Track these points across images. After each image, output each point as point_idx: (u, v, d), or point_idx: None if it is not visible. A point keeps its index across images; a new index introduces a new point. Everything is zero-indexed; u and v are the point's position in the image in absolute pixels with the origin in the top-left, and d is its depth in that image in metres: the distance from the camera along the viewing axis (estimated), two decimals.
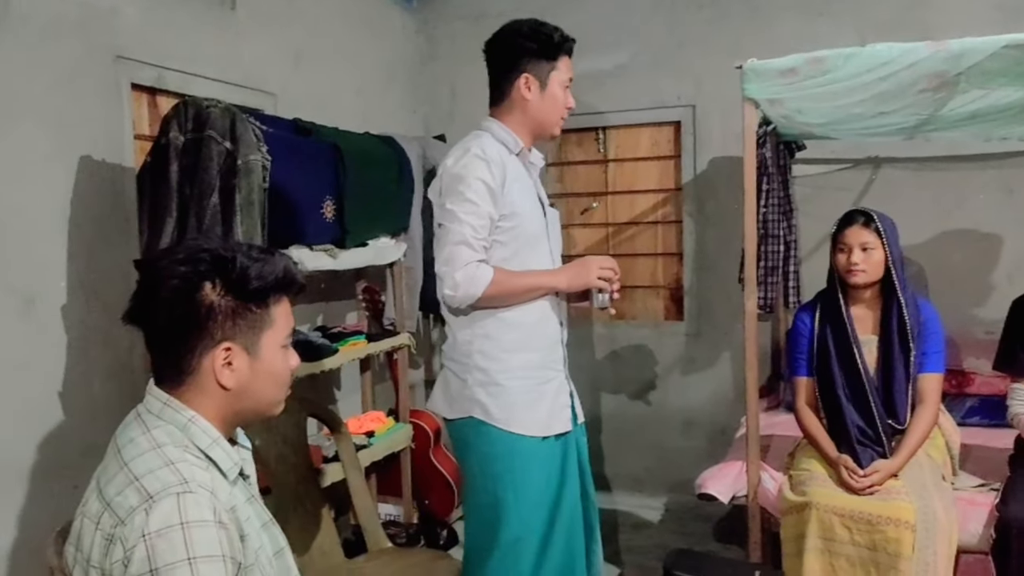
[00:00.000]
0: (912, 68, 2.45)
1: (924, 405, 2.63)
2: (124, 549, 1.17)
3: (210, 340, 1.33)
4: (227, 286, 1.33)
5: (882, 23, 3.94)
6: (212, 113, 2.58)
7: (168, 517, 1.18)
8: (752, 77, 2.65)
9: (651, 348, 4.60)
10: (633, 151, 4.67)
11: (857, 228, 2.64)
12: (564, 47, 2.26)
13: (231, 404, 1.38)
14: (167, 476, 1.24)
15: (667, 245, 4.66)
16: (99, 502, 1.26)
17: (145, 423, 1.35)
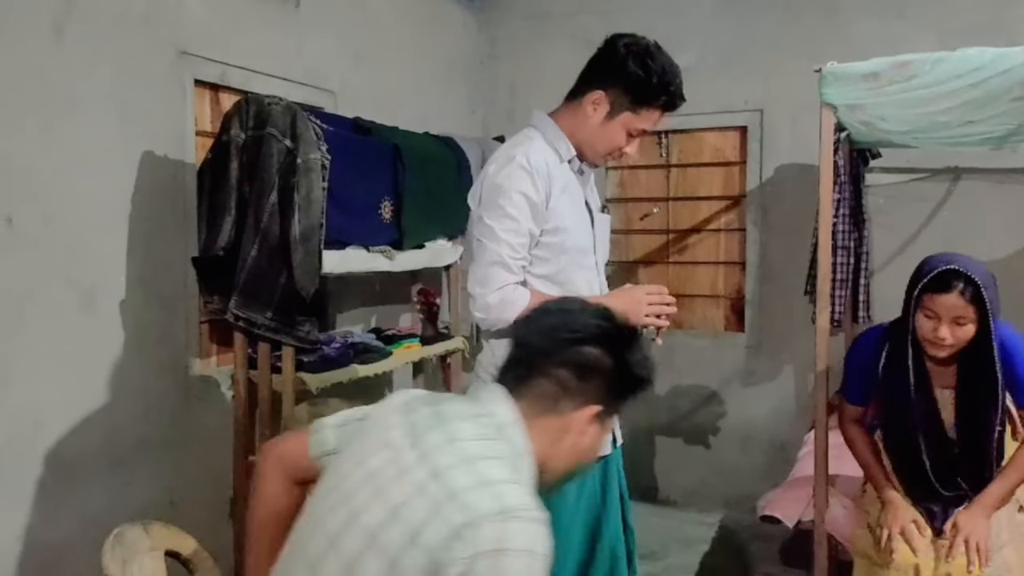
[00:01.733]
0: (1006, 75, 2.31)
1: None
2: (469, 550, 1.11)
3: (594, 398, 1.35)
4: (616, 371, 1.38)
5: (964, 26, 3.76)
6: (273, 111, 2.55)
7: (525, 542, 1.14)
8: (831, 81, 2.52)
9: (710, 359, 4.48)
10: (696, 156, 4.55)
11: (954, 298, 2.16)
12: (659, 101, 2.00)
13: (554, 458, 1.35)
14: (522, 496, 1.19)
15: (729, 254, 4.52)
16: (433, 480, 1.19)
17: (480, 426, 1.29)
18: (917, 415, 2.32)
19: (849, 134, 3.22)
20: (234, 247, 2.58)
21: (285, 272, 2.49)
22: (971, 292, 2.15)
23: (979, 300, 2.15)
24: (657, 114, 2.03)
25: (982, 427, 2.28)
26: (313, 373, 2.75)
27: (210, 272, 2.65)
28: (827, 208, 2.68)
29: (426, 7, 4.32)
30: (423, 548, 1.13)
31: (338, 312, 3.62)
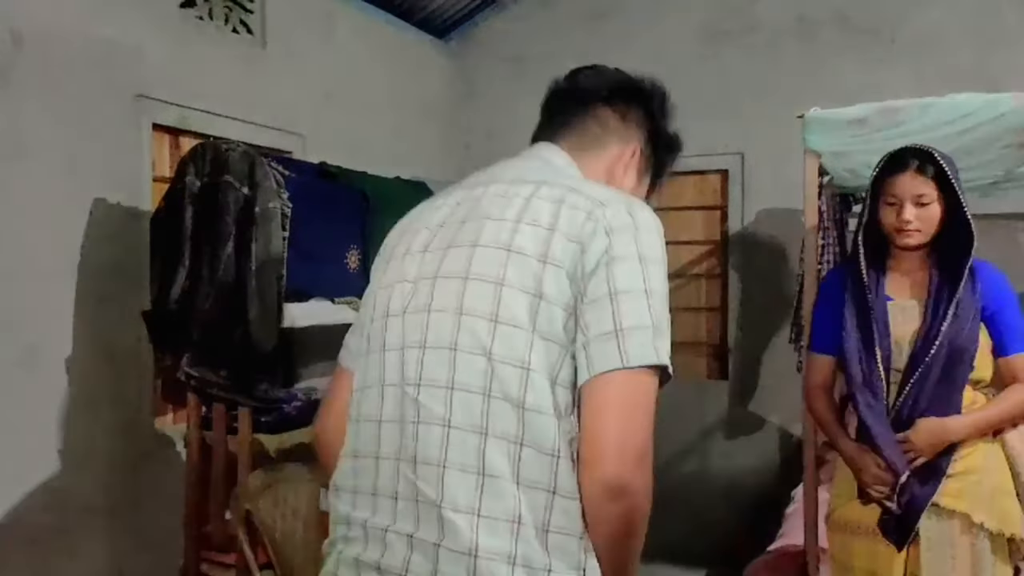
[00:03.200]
0: (996, 121, 2.22)
1: (1020, 382, 2.07)
2: (605, 227, 1.12)
3: (627, 132, 1.36)
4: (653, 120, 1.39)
5: (945, 71, 3.70)
6: (230, 157, 2.41)
7: (650, 219, 1.17)
8: (815, 127, 2.43)
9: (692, 408, 4.33)
10: (677, 200, 4.44)
11: (910, 177, 2.01)
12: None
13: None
14: (623, 196, 1.22)
15: (711, 300, 4.41)
16: (548, 187, 1.20)
17: (551, 166, 1.31)
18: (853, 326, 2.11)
19: (832, 178, 3.13)
20: (187, 301, 2.42)
21: (241, 327, 2.34)
22: (930, 168, 2.00)
23: (940, 176, 2.00)
24: None
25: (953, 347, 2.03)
26: (272, 434, 2.59)
27: (162, 327, 2.49)
28: (812, 256, 2.56)
29: (400, 47, 4.23)
30: (564, 235, 1.13)
31: (303, 367, 3.46)
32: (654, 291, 1.10)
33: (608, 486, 1.04)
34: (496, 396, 1.09)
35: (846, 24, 4.01)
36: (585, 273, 1.10)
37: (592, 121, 1.35)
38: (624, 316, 1.07)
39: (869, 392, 2.07)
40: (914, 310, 2.12)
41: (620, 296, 1.08)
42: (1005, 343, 2.07)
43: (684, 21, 4.29)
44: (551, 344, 1.10)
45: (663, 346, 1.08)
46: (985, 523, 2.02)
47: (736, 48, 4.21)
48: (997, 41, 3.71)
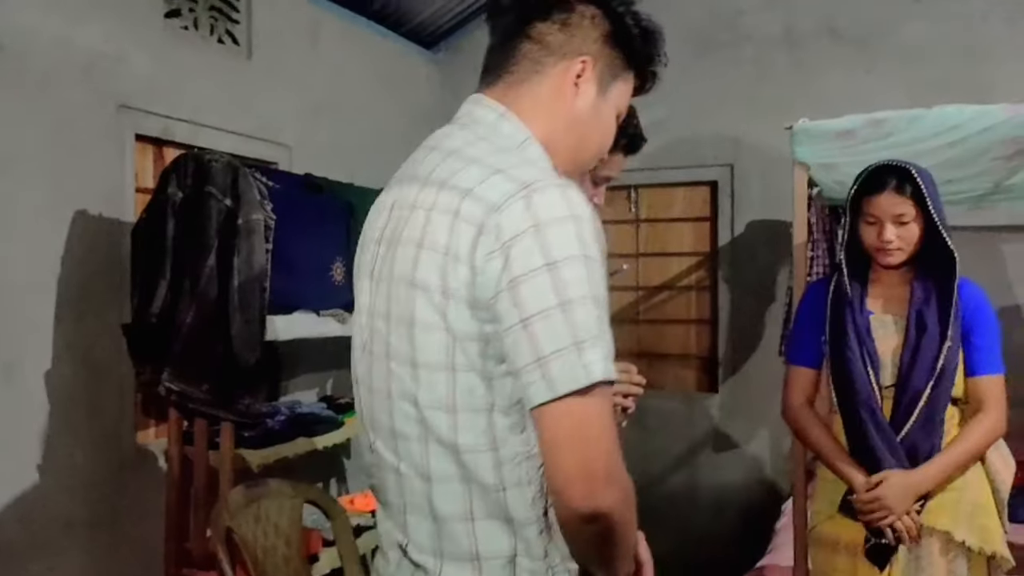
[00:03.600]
0: (985, 133, 2.21)
1: (987, 412, 2.03)
2: (500, 240, 0.98)
3: (573, 44, 1.17)
4: (610, 13, 1.19)
5: (934, 81, 3.70)
6: (213, 168, 2.38)
7: (557, 207, 1.00)
8: (803, 139, 2.41)
9: (681, 421, 4.31)
10: (666, 211, 4.43)
11: (889, 196, 1.98)
12: (617, 145, 1.86)
13: (558, 135, 1.18)
14: (536, 171, 1.05)
15: (700, 312, 4.39)
16: (446, 192, 1.06)
17: (478, 132, 1.15)
18: (854, 341, 2.07)
19: (820, 190, 3.12)
20: (168, 314, 2.39)
21: (223, 341, 2.30)
22: (908, 187, 1.98)
23: (918, 195, 1.98)
24: (621, 158, 1.90)
25: (928, 364, 2.01)
26: (254, 449, 2.55)
27: (142, 340, 2.45)
28: (801, 269, 2.54)
29: (387, 57, 4.21)
30: (457, 259, 1.01)
31: (289, 379, 3.42)
32: (572, 300, 0.96)
33: (579, 514, 0.99)
34: (432, 440, 1.06)
35: (834, 35, 4.00)
36: (487, 301, 1.00)
37: (528, 46, 1.17)
38: (540, 343, 0.96)
39: (869, 410, 2.04)
40: (893, 325, 2.10)
41: (531, 322, 0.97)
42: (973, 363, 2.05)
43: (672, 33, 4.13)
44: (474, 377, 1.03)
45: (594, 358, 0.96)
46: (967, 541, 2.00)
47: (725, 59, 4.20)
48: (986, 52, 3.71)
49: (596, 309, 0.98)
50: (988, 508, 2.10)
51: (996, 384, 2.06)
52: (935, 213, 1.98)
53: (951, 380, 2.04)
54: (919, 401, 2.01)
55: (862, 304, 2.11)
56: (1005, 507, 2.15)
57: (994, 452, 2.15)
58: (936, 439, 2.04)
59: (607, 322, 1.01)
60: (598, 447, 0.98)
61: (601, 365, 0.97)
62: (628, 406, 1.87)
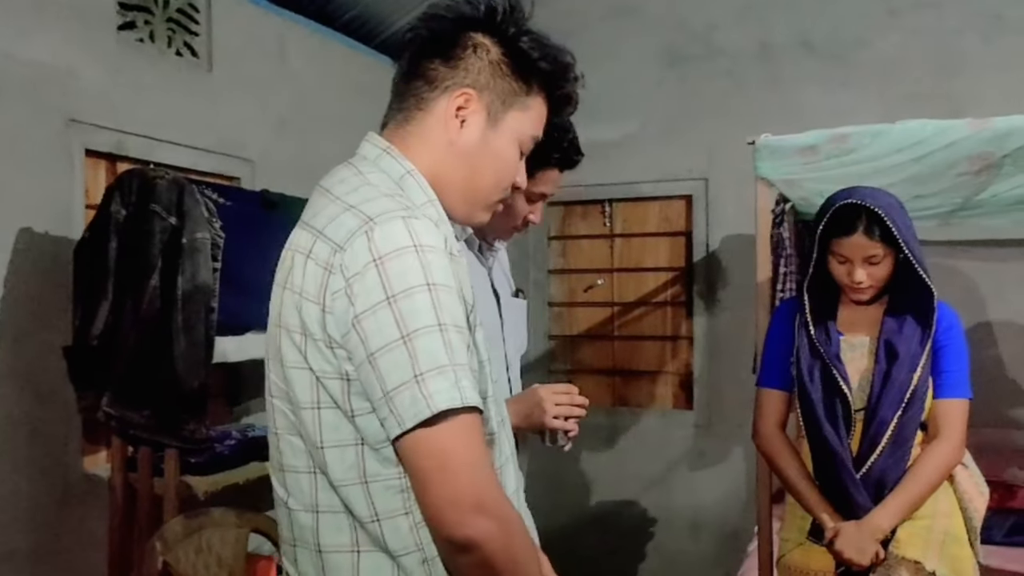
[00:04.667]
0: (950, 148, 2.15)
1: (941, 440, 1.96)
2: (345, 278, 1.00)
3: (456, 78, 1.15)
4: (502, 40, 1.17)
5: (909, 95, 3.66)
6: (158, 184, 2.31)
7: (398, 238, 1.01)
8: (766, 155, 2.35)
9: (656, 439, 4.24)
10: (641, 226, 4.38)
11: (859, 239, 1.92)
12: (552, 160, 1.80)
13: (446, 169, 1.17)
14: (388, 203, 1.06)
15: (676, 328, 4.32)
16: (308, 233, 1.09)
17: (358, 168, 1.16)
18: (816, 368, 2.01)
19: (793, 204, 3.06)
20: (110, 336, 2.30)
21: (166, 364, 2.22)
22: (877, 228, 1.91)
23: (887, 235, 1.91)
24: (555, 174, 1.84)
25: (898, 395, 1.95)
26: (204, 475, 2.46)
27: (84, 364, 2.37)
28: (764, 287, 2.48)
29: (356, 69, 4.13)
30: (309, 300, 1.03)
31: (243, 403, 3.33)
32: (415, 331, 0.97)
33: (451, 543, 0.99)
34: (319, 473, 1.08)
35: (809, 49, 3.96)
36: (341, 340, 1.01)
37: (417, 83, 1.16)
38: (386, 378, 0.98)
39: (836, 435, 1.98)
40: (864, 347, 2.05)
41: (376, 357, 0.98)
42: (938, 385, 2.00)
43: (645, 47, 4.23)
44: (337, 414, 1.04)
45: (438, 387, 0.96)
46: (937, 572, 1.93)
47: (698, 74, 4.15)
48: (960, 66, 3.67)
49: (443, 338, 0.98)
50: (959, 537, 2.04)
51: (957, 409, 2.00)
52: (909, 252, 1.92)
53: (921, 406, 1.99)
54: (887, 429, 1.96)
55: (830, 328, 2.05)
56: (978, 535, 2.10)
57: (967, 479, 2.10)
58: (905, 466, 1.99)
59: (463, 349, 1.01)
60: (463, 476, 0.97)
61: (447, 394, 0.97)
62: (570, 429, 1.81)
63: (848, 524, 1.93)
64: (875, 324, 2.04)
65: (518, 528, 1.03)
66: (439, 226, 1.09)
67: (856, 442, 2.00)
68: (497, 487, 1.02)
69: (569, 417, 1.82)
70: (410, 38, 1.19)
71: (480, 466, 0.99)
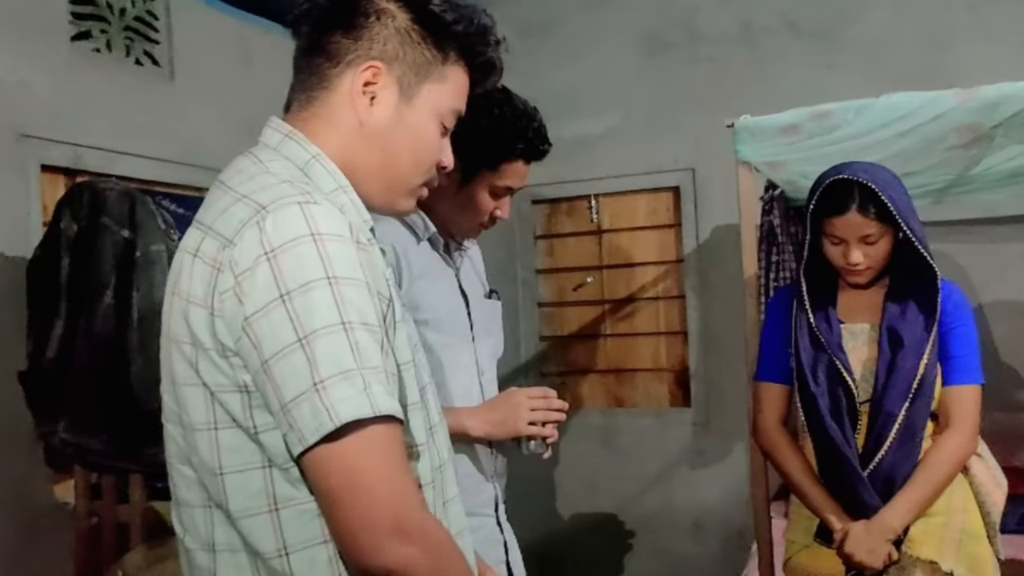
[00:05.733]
0: (938, 121, 2.04)
1: (952, 430, 1.85)
2: (234, 275, 0.89)
3: (360, 50, 1.04)
4: (409, 3, 1.06)
5: (898, 73, 3.52)
6: (108, 196, 2.20)
7: (293, 227, 0.89)
8: (746, 137, 2.24)
9: (655, 439, 4.11)
10: (629, 220, 4.26)
11: (853, 217, 1.80)
12: (516, 151, 1.69)
13: (357, 153, 1.06)
14: (284, 189, 0.95)
15: (670, 323, 4.20)
16: (197, 230, 0.99)
17: (258, 157, 1.05)
18: (819, 359, 1.89)
19: (783, 190, 2.95)
20: (63, 358, 2.20)
21: (122, 385, 2.11)
22: (872, 205, 1.79)
23: (884, 212, 1.79)
24: (521, 166, 1.72)
25: (905, 384, 1.84)
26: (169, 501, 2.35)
27: (39, 389, 2.26)
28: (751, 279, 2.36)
29: None
30: (196, 304, 0.92)
31: None
32: (314, 331, 0.86)
33: (370, 571, 0.88)
34: (215, 506, 0.95)
35: (793, 30, 3.84)
36: (232, 347, 0.89)
37: (318, 59, 1.06)
38: (283, 388, 0.86)
39: (840, 430, 1.86)
40: (865, 335, 1.93)
41: (271, 364, 0.87)
42: (947, 371, 1.88)
43: (624, 34, 4.12)
44: (238, 434, 0.92)
45: (343, 395, 0.85)
46: (955, 572, 1.82)
47: (680, 60, 4.03)
48: (949, 39, 3.55)
49: (349, 338, 0.86)
50: (977, 534, 1.93)
51: (969, 396, 1.88)
52: (908, 230, 1.80)
53: (930, 396, 1.87)
54: (895, 422, 1.84)
55: (830, 316, 1.93)
56: (997, 531, 1.98)
57: (983, 471, 1.98)
58: (916, 459, 1.87)
59: (375, 350, 0.89)
60: (377, 496, 0.85)
61: (354, 403, 0.85)
62: (549, 435, 1.71)
63: (857, 525, 1.82)
64: (875, 310, 1.92)
65: (447, 551, 0.91)
66: (346, 212, 0.97)
67: (862, 437, 1.89)
68: (420, 507, 0.91)
69: (547, 422, 1.71)
70: (306, 8, 1.07)
71: (398, 483, 0.88)
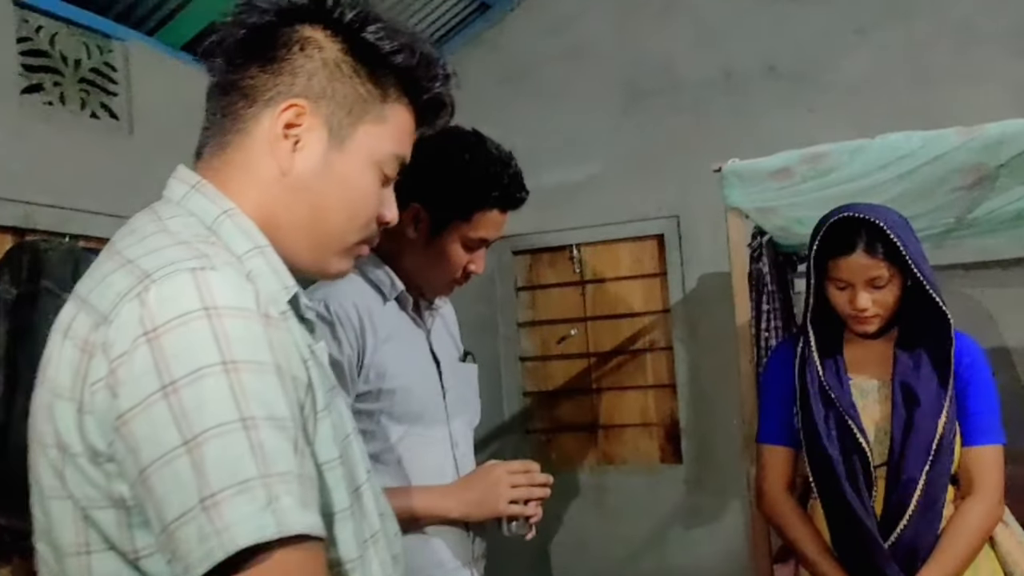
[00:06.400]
0: (939, 161, 1.93)
1: (976, 496, 1.72)
2: (109, 361, 0.72)
3: (280, 86, 0.88)
4: (339, 31, 0.89)
5: (884, 114, 3.44)
6: (50, 257, 2.04)
7: (182, 300, 0.72)
8: (734, 182, 2.12)
9: (646, 498, 3.93)
10: (613, 269, 4.13)
11: (859, 258, 1.67)
12: (490, 200, 1.57)
13: (280, 207, 0.88)
14: (177, 252, 0.77)
15: (658, 376, 4.04)
16: (72, 304, 0.82)
17: (157, 214, 0.88)
18: (831, 418, 1.74)
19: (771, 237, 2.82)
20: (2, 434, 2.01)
21: None
22: (880, 245, 1.66)
23: (892, 253, 1.66)
24: (496, 215, 1.58)
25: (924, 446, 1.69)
26: None
27: None
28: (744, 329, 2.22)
29: None
30: (62, 397, 0.75)
31: None
32: (203, 432, 0.68)
33: None
34: None
35: (774, 74, 3.77)
36: (104, 450, 0.72)
37: (233, 97, 0.89)
38: (163, 506, 0.69)
39: (859, 498, 1.70)
40: (876, 392, 1.78)
41: (149, 475, 0.69)
42: (966, 431, 1.74)
43: (604, 81, 4.03)
44: (114, 560, 0.75)
45: (240, 515, 0.67)
46: None
47: (661, 106, 3.94)
48: (936, 79, 3.48)
49: (249, 439, 0.68)
50: None
51: (991, 457, 1.74)
52: (919, 271, 1.66)
53: (950, 458, 1.72)
54: (915, 487, 1.68)
55: (840, 370, 1.78)
56: None
57: (1008, 539, 1.82)
58: (938, 528, 1.72)
59: (287, 451, 0.70)
60: None
61: (253, 523, 0.66)
62: (532, 514, 1.54)
63: None
64: (884, 363, 1.78)
65: None
66: (258, 279, 0.81)
67: (879, 504, 1.73)
68: None
69: (529, 500, 1.55)
70: (218, 39, 0.91)
71: None
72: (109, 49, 2.97)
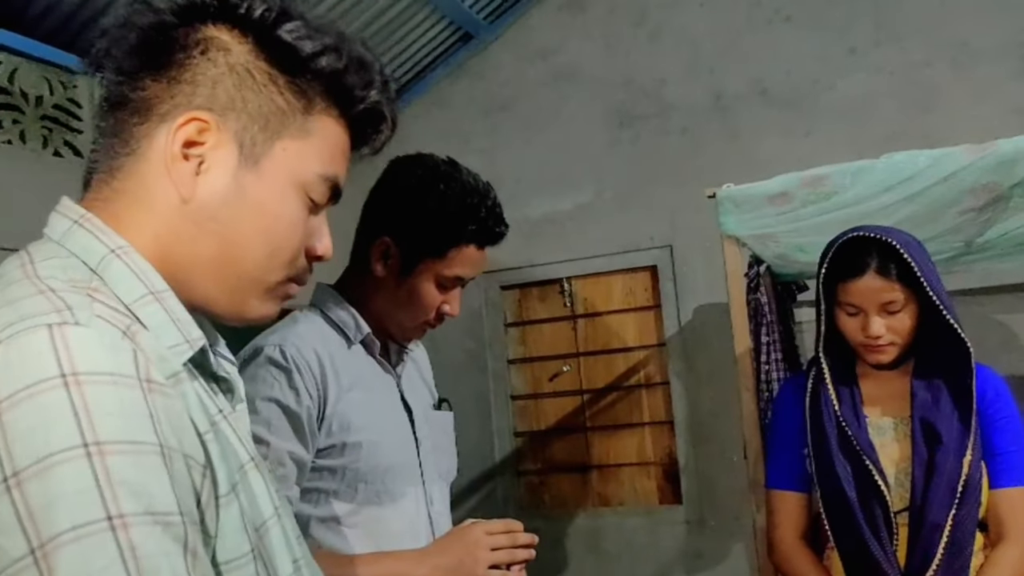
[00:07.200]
0: (948, 181, 1.80)
1: (1009, 542, 1.59)
2: None
3: (177, 98, 0.73)
4: (249, 31, 0.75)
5: (881, 137, 3.33)
6: None
7: (34, 365, 0.57)
8: (730, 208, 1.99)
9: (645, 541, 3.75)
10: (605, 303, 3.98)
11: (872, 281, 1.56)
12: (466, 235, 1.43)
13: (182, 242, 0.74)
14: (36, 305, 0.62)
15: (655, 412, 3.88)
16: None
17: (31, 256, 0.72)
18: (848, 459, 1.61)
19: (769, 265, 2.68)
20: None
21: None
22: (894, 267, 1.54)
23: (906, 275, 1.54)
24: (473, 252, 1.44)
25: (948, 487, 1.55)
26: None
27: None
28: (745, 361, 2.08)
29: None
30: None
31: None
32: (55, 539, 0.54)
33: None
34: None
35: (767, 98, 3.66)
36: None
37: (122, 113, 0.74)
38: None
39: (881, 547, 1.56)
40: (892, 431, 1.64)
41: None
42: (993, 471, 1.59)
43: (592, 109, 3.92)
44: None
45: None
46: None
47: (651, 131, 3.83)
48: (934, 100, 3.37)
49: (118, 542, 0.54)
50: None
51: (1022, 500, 1.58)
52: (934, 295, 1.53)
53: (977, 500, 1.58)
54: (941, 533, 1.54)
55: (857, 407, 1.64)
56: None
57: None
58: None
59: (176, 552, 0.56)
60: None
61: None
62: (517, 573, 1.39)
63: None
64: (902, 398, 1.64)
65: None
66: (146, 333, 0.66)
67: (902, 553, 1.58)
68: None
69: (512, 564, 1.39)
70: (105, 47, 0.75)
71: None
72: (73, 84, 2.85)
